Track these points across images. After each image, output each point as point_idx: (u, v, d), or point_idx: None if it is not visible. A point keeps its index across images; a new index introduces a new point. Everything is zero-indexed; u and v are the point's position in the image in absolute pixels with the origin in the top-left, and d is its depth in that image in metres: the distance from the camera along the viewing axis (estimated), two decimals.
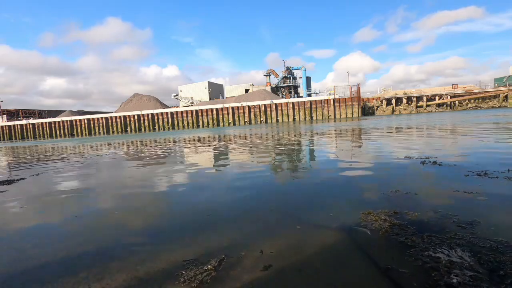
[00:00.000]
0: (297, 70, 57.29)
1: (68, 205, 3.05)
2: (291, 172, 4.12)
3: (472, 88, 45.57)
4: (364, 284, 1.31)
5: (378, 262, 1.46)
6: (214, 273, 1.45)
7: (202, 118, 45.59)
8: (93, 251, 1.85)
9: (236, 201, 2.77)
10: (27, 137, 49.36)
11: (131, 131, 47.23)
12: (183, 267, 1.53)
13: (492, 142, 5.77)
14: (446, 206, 2.23)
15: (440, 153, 4.70)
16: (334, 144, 7.61)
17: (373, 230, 1.85)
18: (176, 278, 1.43)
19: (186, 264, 1.56)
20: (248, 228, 2.06)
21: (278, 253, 1.64)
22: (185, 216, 2.44)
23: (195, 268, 1.51)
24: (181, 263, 1.57)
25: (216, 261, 1.56)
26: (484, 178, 2.96)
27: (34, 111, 65.43)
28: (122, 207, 2.85)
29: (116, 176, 4.84)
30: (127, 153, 9.35)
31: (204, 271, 1.46)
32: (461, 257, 1.43)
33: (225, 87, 67.80)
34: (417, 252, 1.53)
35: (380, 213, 2.14)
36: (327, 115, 41.56)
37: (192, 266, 1.53)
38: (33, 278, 1.57)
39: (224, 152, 7.51)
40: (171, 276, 1.45)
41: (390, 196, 2.57)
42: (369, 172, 3.69)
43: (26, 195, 3.64)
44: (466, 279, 1.27)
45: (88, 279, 1.51)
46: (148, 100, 62.02)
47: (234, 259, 1.59)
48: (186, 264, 1.56)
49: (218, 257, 1.60)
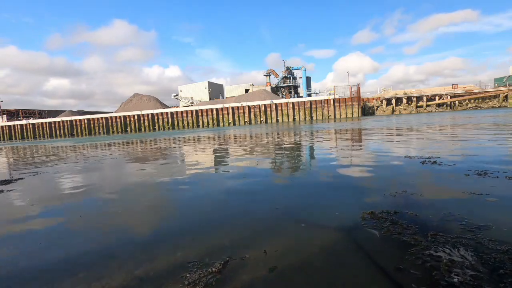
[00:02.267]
0: (297, 70, 57.31)
1: (68, 205, 3.05)
2: (293, 172, 4.12)
3: (472, 88, 45.58)
4: (366, 283, 1.31)
5: (379, 261, 1.47)
6: (219, 275, 1.45)
7: (202, 118, 45.58)
8: (93, 250, 1.85)
9: (239, 201, 2.77)
10: (27, 137, 49.34)
11: (131, 131, 47.21)
12: (187, 269, 1.54)
13: (491, 142, 5.77)
14: (446, 205, 2.23)
15: (440, 153, 4.71)
16: (335, 144, 7.62)
17: (375, 229, 1.85)
18: (180, 280, 1.43)
19: (190, 266, 1.56)
20: (251, 228, 2.06)
21: (282, 253, 1.65)
22: (188, 216, 2.44)
23: (199, 270, 1.51)
24: (184, 265, 1.58)
25: (221, 263, 1.56)
26: (485, 178, 2.97)
27: (34, 111, 65.39)
28: (122, 206, 2.85)
29: (117, 176, 4.85)
30: (127, 153, 9.35)
31: (208, 274, 1.46)
32: (463, 256, 1.43)
33: (225, 87, 67.81)
34: (419, 251, 1.54)
35: (381, 212, 2.15)
36: (327, 115, 41.56)
37: (196, 268, 1.54)
38: (33, 277, 1.57)
39: (225, 152, 7.51)
40: (174, 278, 1.45)
41: (390, 195, 2.57)
42: (369, 172, 3.70)
43: (25, 195, 3.64)
44: (467, 278, 1.28)
45: (88, 278, 1.52)
46: (148, 100, 62.00)
47: (238, 260, 1.59)
48: (190, 266, 1.56)
49: (222, 259, 1.61)
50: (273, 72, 57.96)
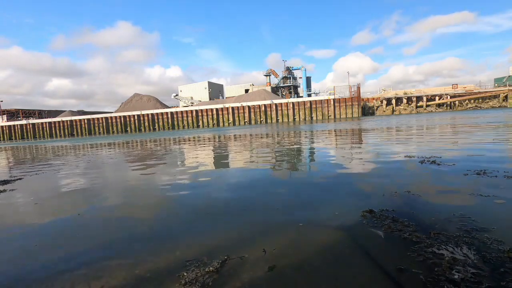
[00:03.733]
0: (297, 70, 57.32)
1: (68, 204, 3.04)
2: (292, 172, 4.11)
3: (472, 88, 45.59)
4: (367, 281, 1.30)
5: (380, 260, 1.46)
6: (216, 275, 1.44)
7: (202, 118, 45.60)
8: (92, 250, 1.84)
9: (239, 200, 2.76)
10: (27, 137, 49.36)
11: (131, 131, 47.23)
12: (185, 268, 1.52)
13: (491, 142, 5.76)
14: (445, 204, 2.23)
15: (439, 153, 4.69)
16: (335, 143, 7.61)
17: (375, 228, 1.84)
18: (177, 279, 1.42)
19: (188, 265, 1.55)
20: (251, 227, 2.05)
21: (281, 252, 1.64)
22: (187, 214, 2.43)
23: (196, 269, 1.50)
24: (183, 264, 1.57)
25: (219, 262, 1.55)
26: (483, 177, 2.97)
27: (34, 111, 65.41)
28: (122, 206, 2.84)
29: (116, 176, 4.84)
30: (127, 153, 9.34)
31: (206, 273, 1.45)
32: (464, 254, 1.42)
33: (225, 87, 67.83)
34: (421, 248, 1.52)
35: (381, 211, 2.14)
36: (327, 115, 41.57)
37: (194, 267, 1.53)
38: (33, 276, 1.56)
39: (225, 152, 7.50)
40: (172, 277, 1.44)
41: (390, 194, 2.56)
42: (369, 171, 3.69)
43: (24, 195, 3.63)
44: (468, 275, 1.27)
45: (88, 276, 1.51)
46: (148, 100, 62.05)
47: (237, 259, 1.58)
48: (188, 265, 1.55)
49: (220, 258, 1.59)
50: (273, 72, 57.97)
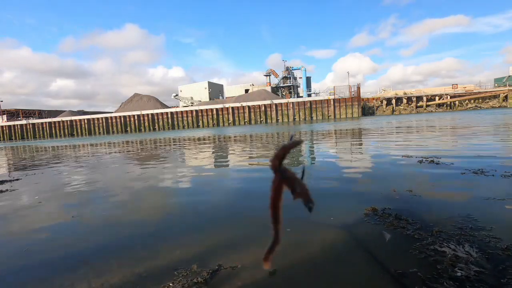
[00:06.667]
0: (297, 70, 57.29)
1: (67, 204, 3.04)
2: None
3: (472, 88, 45.61)
4: (369, 277, 1.29)
5: (382, 257, 1.45)
6: (212, 275, 1.43)
7: (202, 118, 45.58)
8: (90, 248, 1.83)
9: (239, 200, 2.75)
10: (27, 137, 49.35)
11: (131, 131, 47.22)
12: (185, 266, 1.51)
13: (490, 141, 5.75)
14: (445, 202, 2.23)
15: (438, 153, 4.69)
16: (335, 143, 7.61)
17: (376, 226, 1.83)
18: (176, 279, 1.41)
19: (187, 264, 1.54)
20: (250, 226, 2.04)
21: (282, 252, 1.63)
22: (187, 215, 2.43)
23: (189, 274, 1.49)
24: (183, 262, 1.56)
25: (217, 262, 1.54)
26: (481, 176, 2.97)
27: (34, 111, 65.39)
28: (121, 205, 2.84)
29: (115, 176, 4.83)
30: (126, 153, 9.33)
31: (198, 274, 1.44)
32: (466, 252, 1.42)
33: (225, 87, 67.80)
34: (423, 246, 1.52)
35: (383, 209, 2.13)
36: (327, 115, 41.57)
37: (192, 266, 1.52)
38: (33, 275, 1.55)
39: (224, 152, 7.50)
40: (171, 276, 1.43)
41: (389, 194, 2.56)
42: (368, 171, 3.70)
43: (23, 195, 3.62)
44: (471, 273, 1.26)
45: (88, 275, 1.50)
46: (148, 100, 62.05)
47: (236, 259, 1.57)
48: (187, 264, 1.54)
49: (218, 258, 1.59)
50: (273, 72, 57.95)
